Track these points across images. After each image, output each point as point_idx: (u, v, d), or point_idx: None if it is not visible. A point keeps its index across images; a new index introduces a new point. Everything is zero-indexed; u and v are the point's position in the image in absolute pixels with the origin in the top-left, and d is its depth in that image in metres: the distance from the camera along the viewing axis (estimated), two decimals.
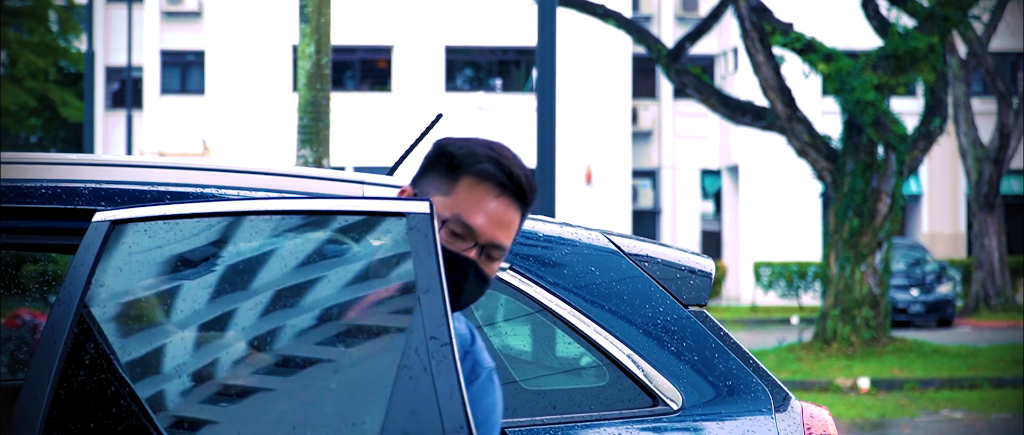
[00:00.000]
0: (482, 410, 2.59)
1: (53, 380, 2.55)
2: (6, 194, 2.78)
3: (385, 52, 35.35)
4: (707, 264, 3.33)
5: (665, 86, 37.91)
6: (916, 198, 36.56)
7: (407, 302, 2.46)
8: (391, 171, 3.17)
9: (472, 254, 2.54)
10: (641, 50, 30.54)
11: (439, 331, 2.41)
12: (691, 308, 3.27)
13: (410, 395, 2.39)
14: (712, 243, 39.32)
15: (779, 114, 18.93)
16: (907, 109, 29.83)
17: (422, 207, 2.49)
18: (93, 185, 2.83)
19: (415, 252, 2.47)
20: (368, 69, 35.90)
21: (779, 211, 35.24)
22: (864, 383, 16.27)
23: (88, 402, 2.55)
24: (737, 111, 19.81)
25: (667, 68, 19.85)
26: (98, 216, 2.65)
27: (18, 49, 32.94)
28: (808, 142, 19.08)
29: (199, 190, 2.86)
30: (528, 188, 2.59)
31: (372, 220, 2.55)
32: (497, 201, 2.56)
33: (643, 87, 38.43)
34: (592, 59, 34.29)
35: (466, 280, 2.54)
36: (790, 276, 32.13)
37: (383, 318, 2.51)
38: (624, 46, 34.18)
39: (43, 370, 2.55)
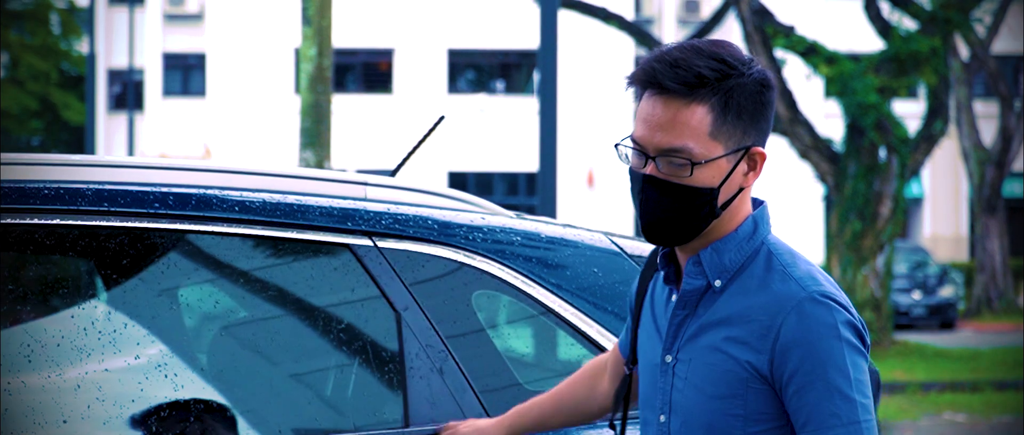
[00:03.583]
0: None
1: None
2: (7, 195, 2.77)
3: (387, 55, 35.35)
4: None
5: None
6: (918, 201, 36.54)
7: (390, 320, 2.78)
8: (393, 173, 3.17)
9: (648, 169, 2.33)
10: (643, 53, 30.53)
11: (430, 340, 2.75)
12: None
13: (425, 392, 2.75)
14: None
15: (781, 117, 18.92)
16: (909, 112, 29.79)
17: (363, 240, 2.76)
18: (96, 186, 2.82)
19: (377, 277, 2.76)
20: (370, 72, 35.90)
21: (781, 214, 35.18)
22: None
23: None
24: None
25: None
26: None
27: (20, 51, 32.95)
28: (810, 145, 19.07)
29: (202, 191, 2.84)
30: (661, 71, 2.31)
31: (323, 249, 2.80)
32: (643, 102, 2.35)
33: None
34: (594, 62, 34.28)
35: (647, 196, 2.32)
36: None
37: (370, 333, 2.81)
38: (626, 49, 34.18)
39: None
